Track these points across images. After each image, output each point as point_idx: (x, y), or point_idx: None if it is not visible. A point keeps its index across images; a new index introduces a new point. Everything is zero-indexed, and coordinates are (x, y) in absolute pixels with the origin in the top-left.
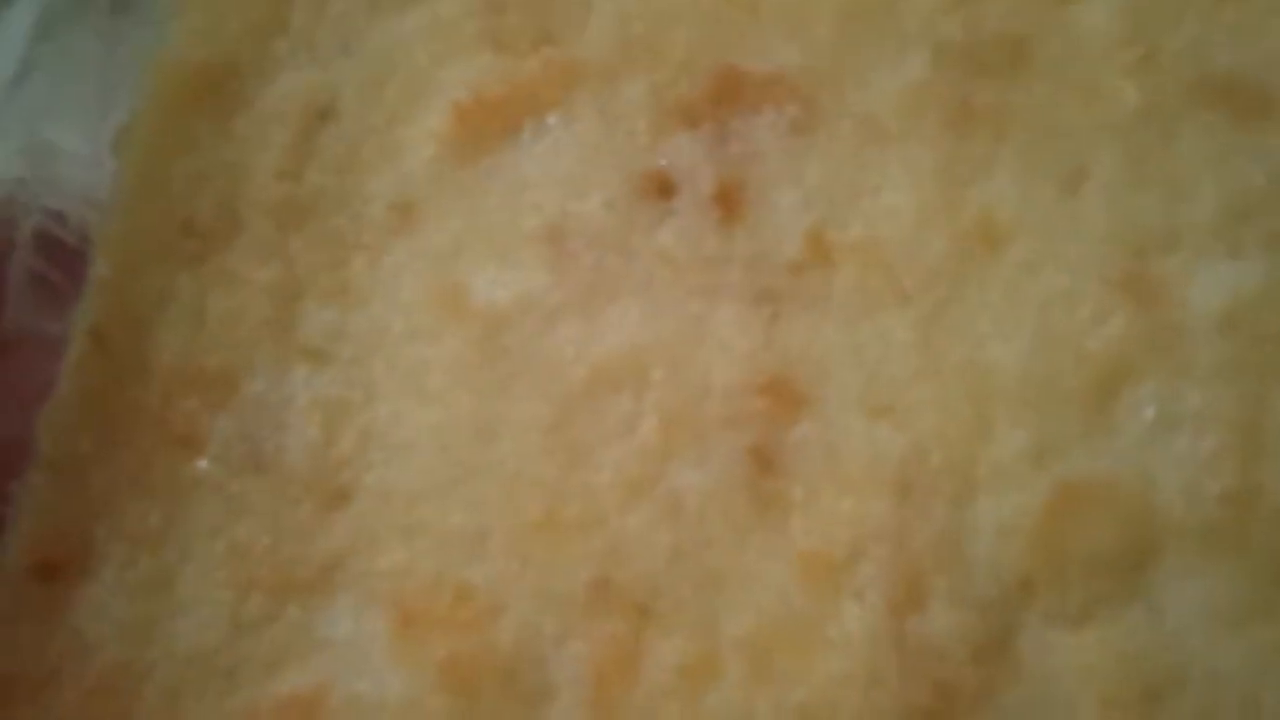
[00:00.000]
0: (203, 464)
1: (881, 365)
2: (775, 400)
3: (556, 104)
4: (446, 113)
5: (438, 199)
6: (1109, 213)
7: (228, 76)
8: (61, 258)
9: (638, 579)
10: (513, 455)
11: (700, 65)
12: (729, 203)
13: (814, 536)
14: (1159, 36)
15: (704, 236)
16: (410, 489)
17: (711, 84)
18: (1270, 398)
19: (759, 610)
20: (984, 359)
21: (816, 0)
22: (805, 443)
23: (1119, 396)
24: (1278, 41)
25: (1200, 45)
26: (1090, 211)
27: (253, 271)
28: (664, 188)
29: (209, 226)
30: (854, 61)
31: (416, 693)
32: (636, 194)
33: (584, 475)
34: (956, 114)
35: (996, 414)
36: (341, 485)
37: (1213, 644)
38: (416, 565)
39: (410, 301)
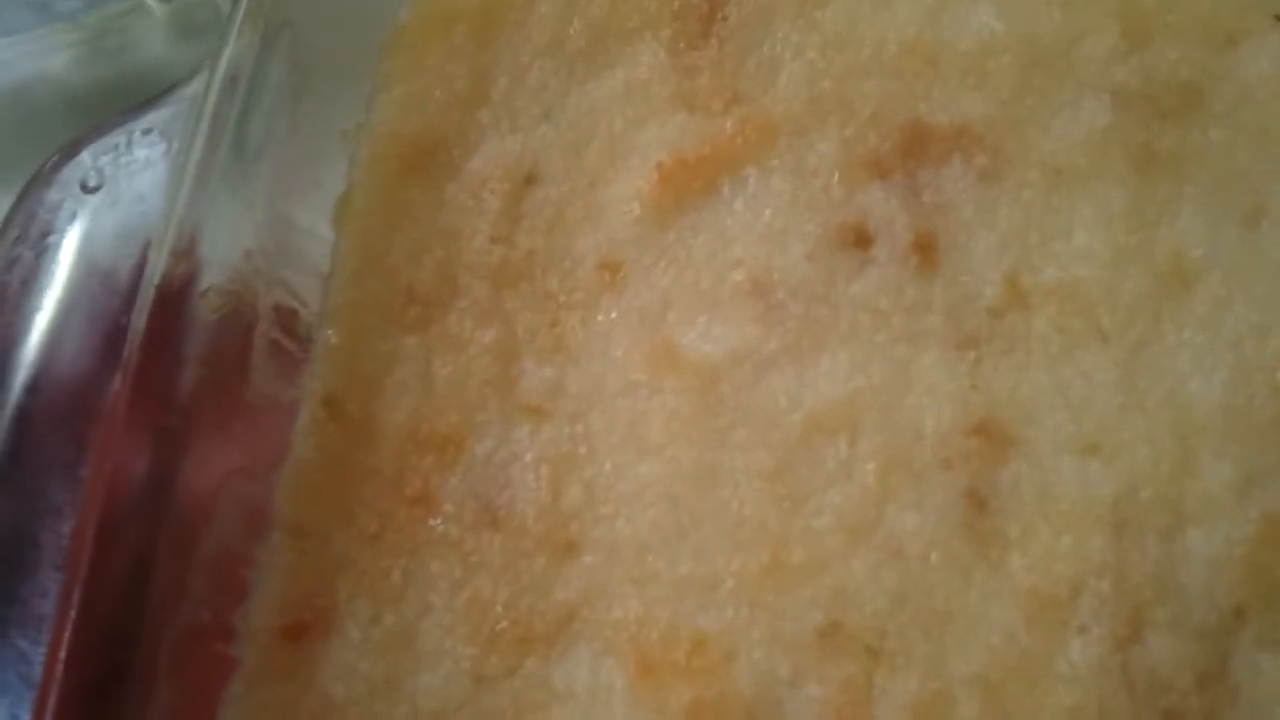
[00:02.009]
0: (438, 523)
1: (1086, 404)
2: (986, 441)
3: (753, 161)
4: (649, 173)
5: (644, 257)
6: None
7: (436, 147)
8: (294, 327)
9: (865, 621)
10: (735, 503)
11: (888, 119)
12: (925, 251)
13: (1035, 574)
14: None
15: (904, 285)
16: (638, 539)
17: (900, 137)
18: None
19: (987, 648)
20: (1185, 394)
21: (996, 52)
22: (1018, 482)
23: None
24: None
25: None
26: (1271, 246)
27: (473, 333)
28: (861, 238)
29: (429, 292)
30: (1036, 109)
31: None
32: (835, 245)
33: (805, 520)
34: (1140, 157)
35: (1201, 447)
36: (571, 538)
37: None
38: (651, 614)
39: (623, 357)
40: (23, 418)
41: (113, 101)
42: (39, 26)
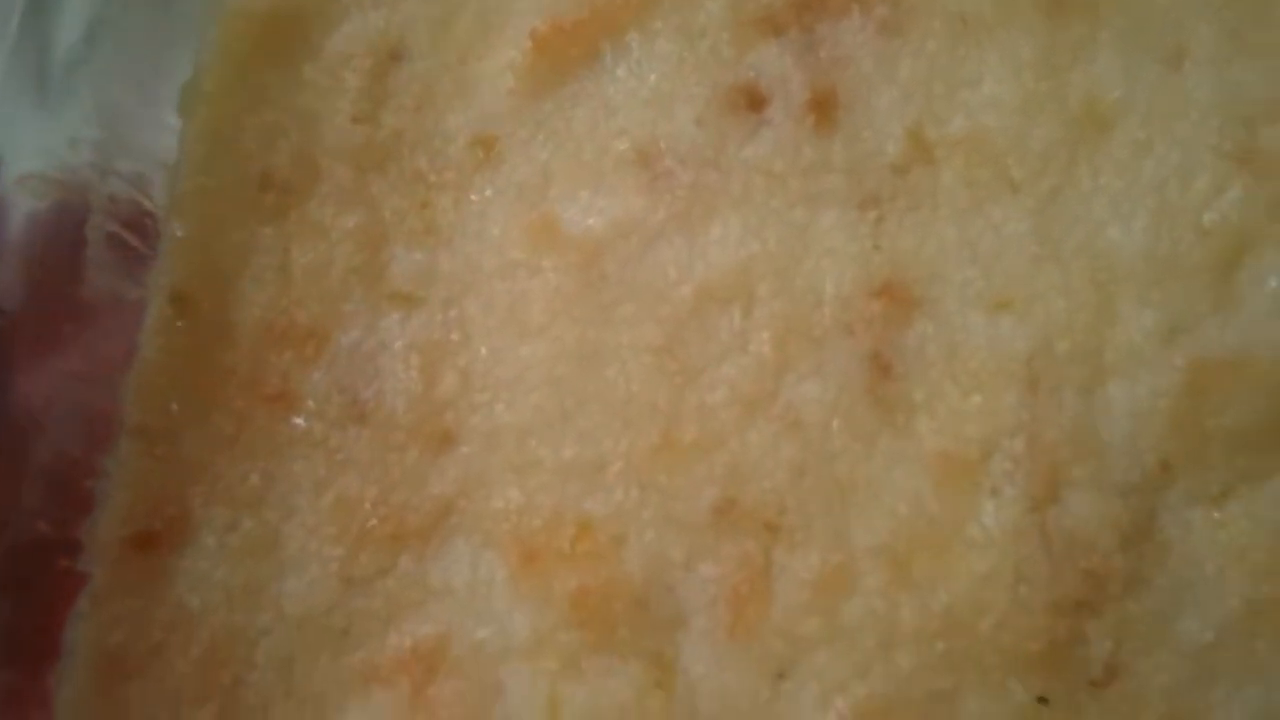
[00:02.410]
0: (299, 420)
1: (997, 258)
2: (889, 303)
3: (635, 24)
4: (523, 43)
5: (520, 131)
6: (1213, 86)
7: (292, 24)
8: (139, 221)
9: (763, 497)
10: (623, 381)
11: None
12: (823, 108)
13: (943, 437)
14: None
15: (800, 145)
16: (519, 425)
17: None
18: None
19: (893, 516)
20: (1103, 242)
21: None
22: (924, 344)
23: (1242, 268)
24: None
25: None
26: (1194, 87)
27: (336, 219)
28: (754, 100)
29: (287, 178)
30: None
31: (545, 631)
32: (727, 108)
33: (699, 396)
34: (1050, 2)
35: (1121, 296)
36: (446, 428)
37: None
38: (533, 502)
39: (501, 237)
40: None
41: None
42: None
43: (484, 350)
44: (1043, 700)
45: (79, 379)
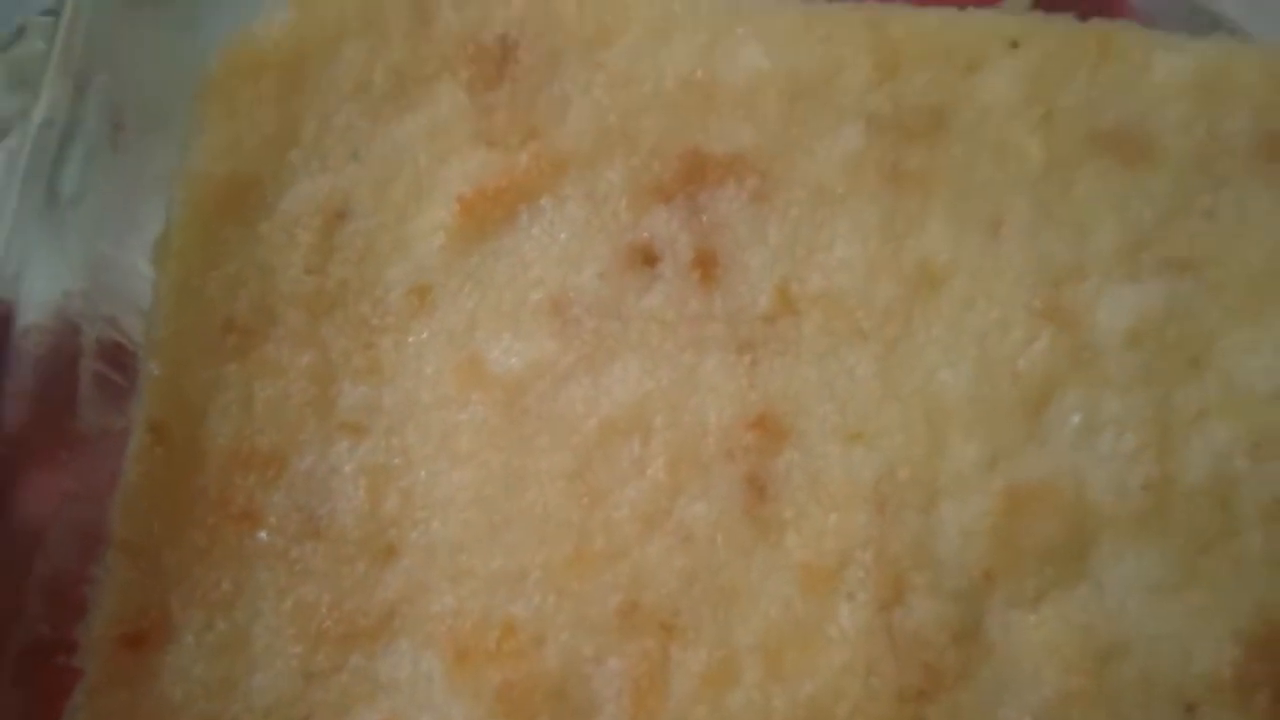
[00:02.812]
0: (263, 535)
1: (850, 396)
2: (763, 434)
3: (547, 190)
4: (451, 205)
5: (450, 281)
6: (1026, 252)
7: (249, 187)
8: (120, 360)
9: (660, 601)
10: (540, 502)
11: (669, 148)
12: (705, 266)
13: (807, 550)
14: (1054, 97)
15: (687, 297)
16: (452, 540)
17: (680, 165)
18: (1175, 398)
19: (767, 618)
20: (936, 384)
21: (764, 85)
22: (791, 469)
23: (1050, 407)
24: (1151, 95)
25: (1088, 103)
26: (1011, 252)
27: (291, 359)
28: (648, 257)
29: (247, 322)
30: (800, 136)
31: (478, 719)
32: (625, 264)
33: (605, 513)
34: (891, 176)
35: (950, 430)
36: (390, 542)
37: (1150, 611)
38: (465, 607)
39: (435, 374)
40: None
41: None
42: None
43: (422, 474)
44: None
45: (73, 499)
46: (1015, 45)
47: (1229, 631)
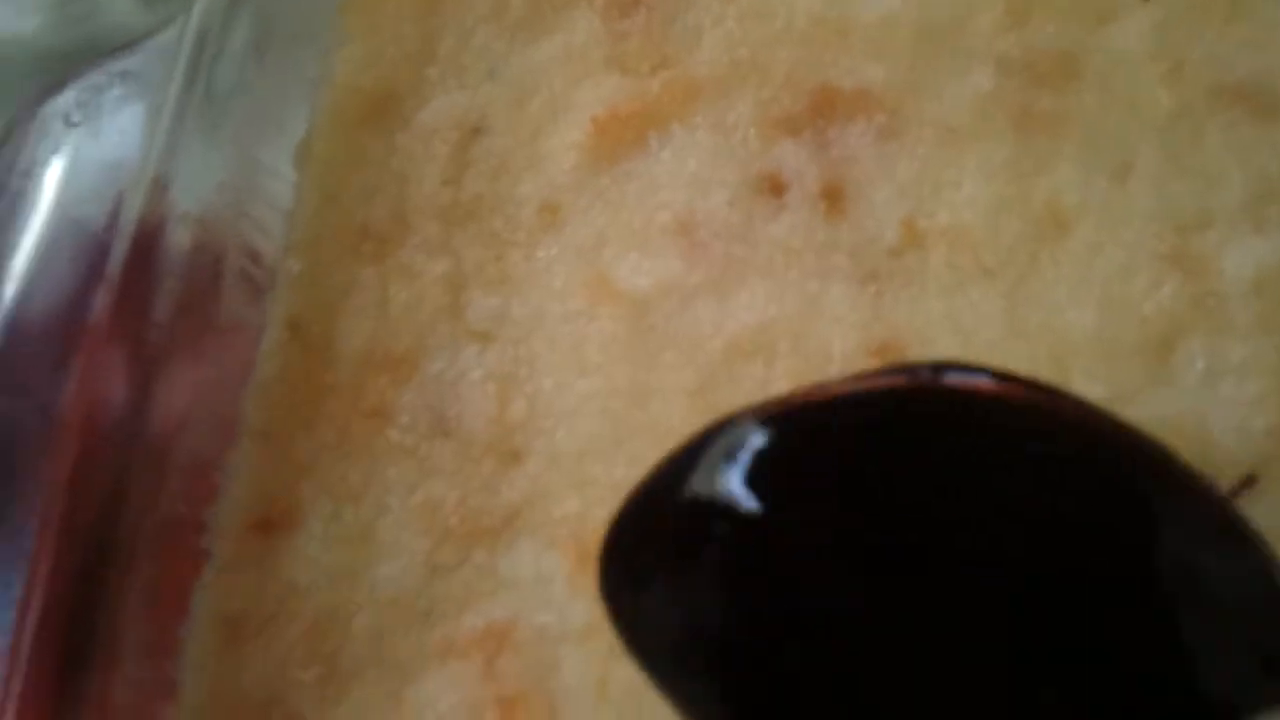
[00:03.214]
0: (393, 432)
1: (974, 331)
2: (885, 362)
3: (677, 117)
4: (585, 126)
5: (580, 200)
6: (1154, 198)
7: (389, 100)
8: (260, 257)
9: None
10: (664, 416)
11: (799, 83)
12: (832, 198)
13: None
14: (1183, 50)
15: (814, 228)
16: (577, 448)
17: (809, 99)
18: None
19: None
20: (1060, 323)
21: (895, 25)
22: None
23: (1174, 351)
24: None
25: (1217, 57)
26: (1138, 198)
27: (425, 266)
28: (776, 187)
29: (383, 229)
30: (930, 76)
31: (596, 620)
32: (753, 192)
33: None
34: (1019, 118)
35: (1074, 369)
36: (515, 446)
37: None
38: (588, 512)
39: (563, 288)
40: (13, 325)
41: (80, 62)
42: None
43: (548, 383)
44: None
45: (212, 387)
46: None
47: None
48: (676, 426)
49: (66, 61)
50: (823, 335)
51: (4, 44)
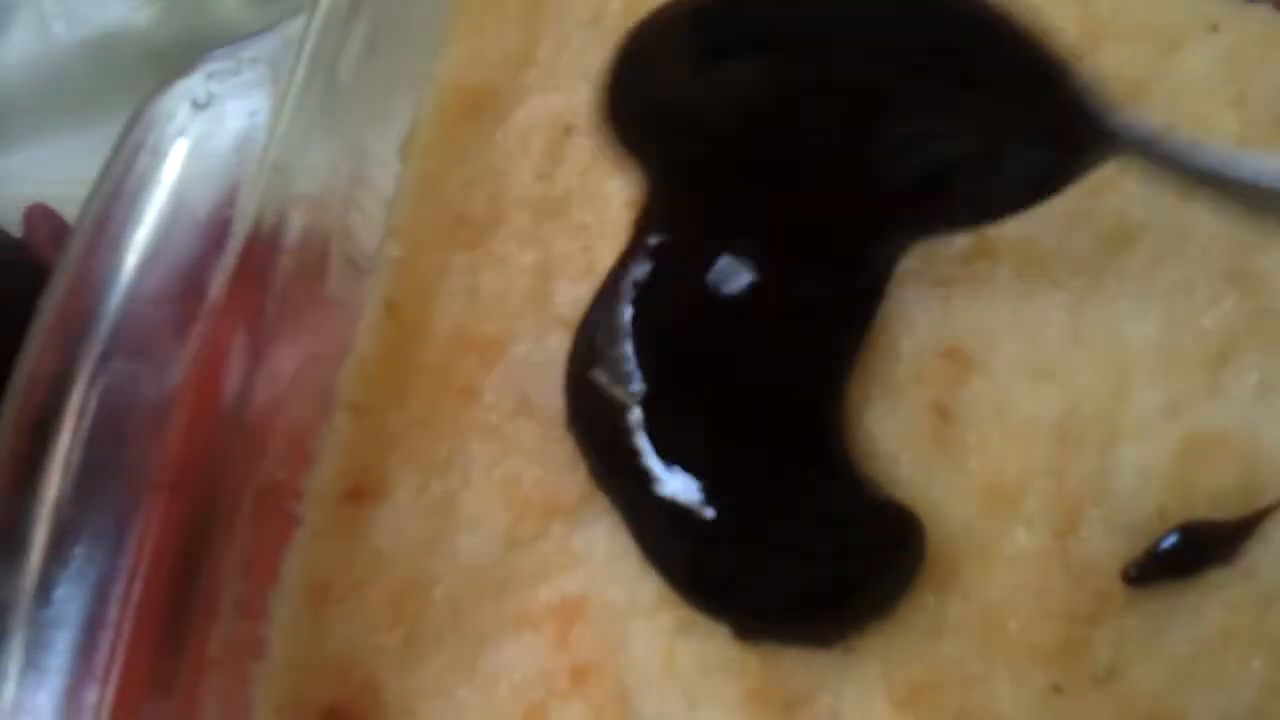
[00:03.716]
0: (479, 410)
1: (1039, 338)
2: (952, 364)
3: None
4: None
5: None
6: (1215, 219)
7: (489, 96)
8: (363, 240)
9: None
10: None
11: None
12: None
13: (989, 474)
14: (1248, 80)
15: None
16: None
17: None
18: None
19: (944, 534)
20: (1123, 334)
21: None
22: (978, 398)
23: (1230, 364)
24: None
25: None
26: (1201, 217)
27: (516, 255)
28: None
29: (479, 218)
30: None
31: (666, 595)
32: None
33: None
34: None
35: (1135, 378)
36: None
37: None
38: None
39: None
40: (135, 293)
41: (189, 55)
42: None
43: None
44: (1056, 689)
45: (313, 362)
46: (1215, 29)
47: None
48: None
49: (176, 53)
50: (892, 332)
51: (117, 35)
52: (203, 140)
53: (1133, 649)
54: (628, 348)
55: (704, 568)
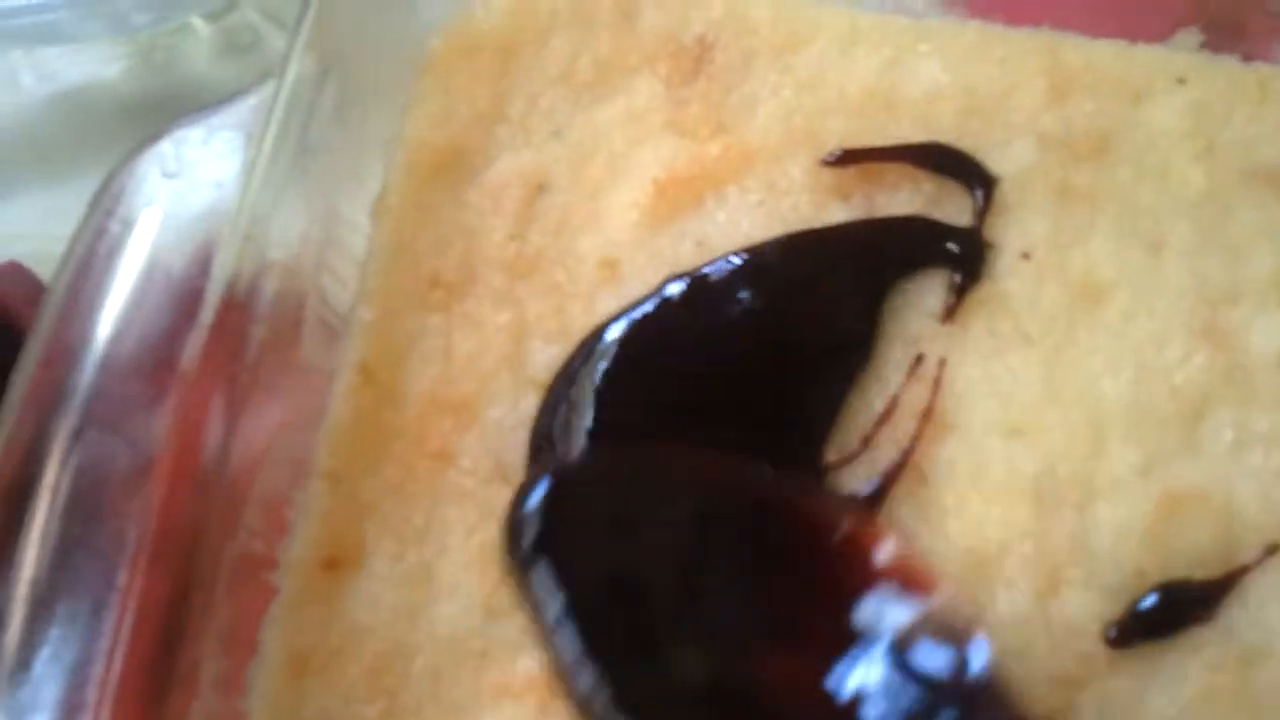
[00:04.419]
0: (454, 474)
1: (1013, 395)
2: (927, 425)
3: (733, 180)
4: (646, 186)
5: (638, 257)
6: (1186, 273)
7: (460, 156)
8: (335, 304)
9: None
10: None
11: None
12: None
13: (969, 537)
14: (1215, 132)
15: None
16: None
17: (859, 167)
18: None
19: None
20: (1096, 391)
21: (941, 99)
22: (954, 460)
23: (1204, 421)
24: None
25: (1248, 139)
26: (1171, 272)
27: (490, 316)
28: None
29: (452, 279)
30: (973, 149)
31: None
32: None
33: None
34: (1059, 191)
35: (1109, 435)
36: None
37: None
38: None
39: None
40: (107, 364)
41: (160, 110)
42: (106, 36)
43: None
44: None
45: (288, 428)
46: (1182, 81)
47: None
48: None
49: (147, 107)
50: (868, 394)
51: (88, 89)
52: (173, 208)
53: (1117, 713)
54: None
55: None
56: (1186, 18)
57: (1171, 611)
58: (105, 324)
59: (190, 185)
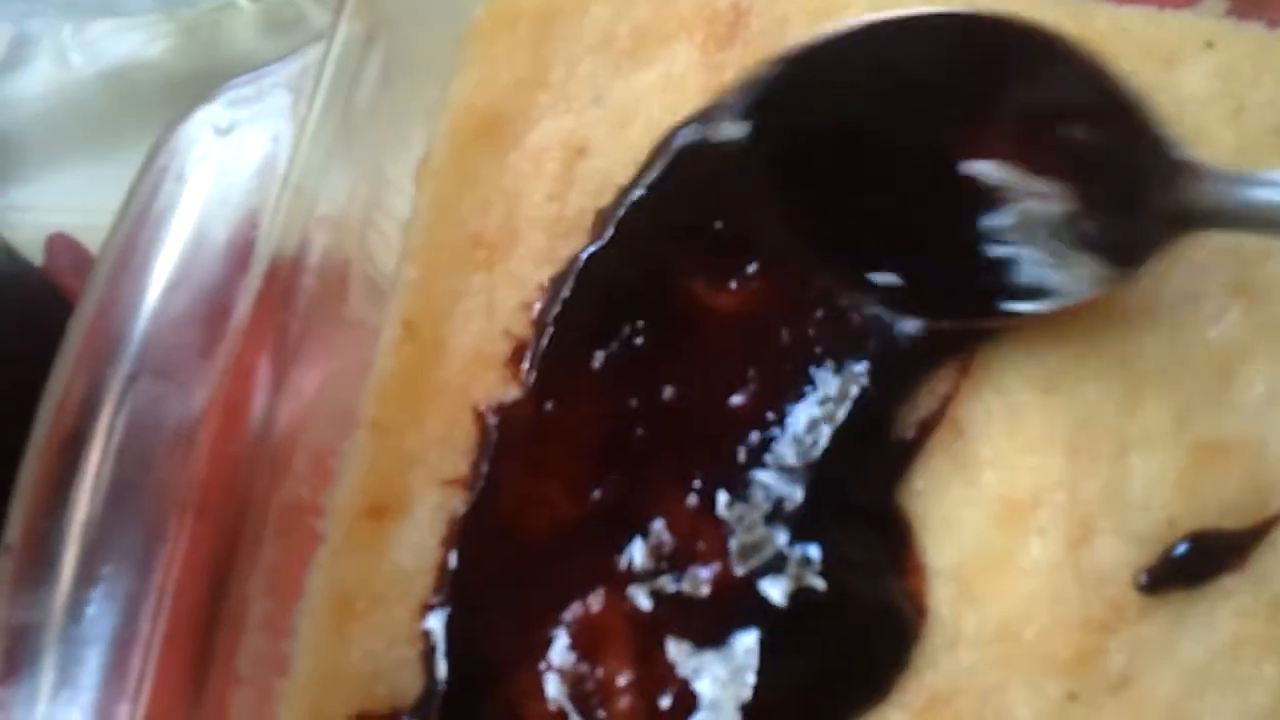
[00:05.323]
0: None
1: (1050, 352)
2: (966, 379)
3: None
4: None
5: None
6: (1220, 234)
7: (502, 121)
8: (381, 262)
9: None
10: None
11: None
12: None
13: (1003, 485)
14: (1244, 94)
15: None
16: None
17: None
18: None
19: (959, 547)
20: (1132, 346)
21: None
22: (991, 413)
23: (1237, 375)
24: None
25: (1274, 101)
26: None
27: (531, 274)
28: None
29: (494, 239)
30: None
31: None
32: None
33: None
34: None
35: (1145, 389)
36: None
37: None
38: None
39: None
40: (162, 315)
41: (204, 87)
42: (153, 12)
43: None
44: (1072, 697)
45: (334, 381)
46: (1210, 45)
47: None
48: None
49: (192, 84)
50: None
51: (134, 67)
52: (225, 165)
53: (1147, 657)
54: None
55: None
56: None
57: (1203, 560)
58: (159, 275)
59: (242, 142)
